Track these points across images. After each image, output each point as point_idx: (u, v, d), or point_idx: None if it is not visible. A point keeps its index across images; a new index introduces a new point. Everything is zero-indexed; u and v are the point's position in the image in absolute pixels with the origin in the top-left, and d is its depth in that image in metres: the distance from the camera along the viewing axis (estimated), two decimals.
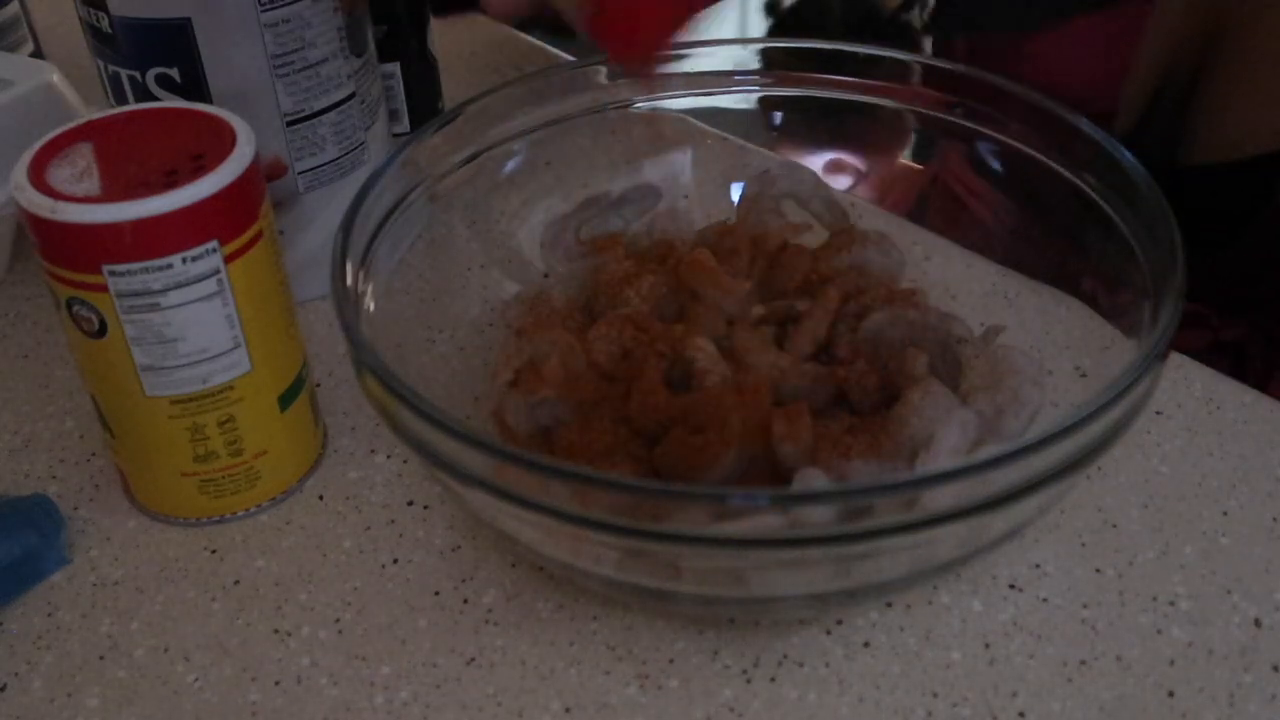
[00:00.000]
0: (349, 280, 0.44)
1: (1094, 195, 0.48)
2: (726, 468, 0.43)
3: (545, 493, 0.37)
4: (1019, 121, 0.51)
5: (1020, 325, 0.51)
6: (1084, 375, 0.48)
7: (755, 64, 0.57)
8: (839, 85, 0.56)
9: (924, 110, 0.54)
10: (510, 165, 0.55)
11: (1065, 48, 0.65)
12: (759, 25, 2.57)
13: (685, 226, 0.56)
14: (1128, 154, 0.46)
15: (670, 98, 0.57)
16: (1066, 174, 0.49)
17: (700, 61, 0.57)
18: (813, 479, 0.42)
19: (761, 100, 0.57)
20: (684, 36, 0.54)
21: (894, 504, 0.36)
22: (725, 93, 0.57)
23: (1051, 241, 0.50)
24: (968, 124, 0.53)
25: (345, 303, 0.43)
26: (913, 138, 0.55)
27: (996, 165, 0.50)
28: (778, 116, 0.58)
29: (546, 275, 0.56)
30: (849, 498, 0.37)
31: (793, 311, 0.51)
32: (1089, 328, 0.48)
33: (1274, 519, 0.49)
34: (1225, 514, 0.49)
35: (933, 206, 0.55)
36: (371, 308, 0.46)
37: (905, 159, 0.57)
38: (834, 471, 0.44)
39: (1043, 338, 0.50)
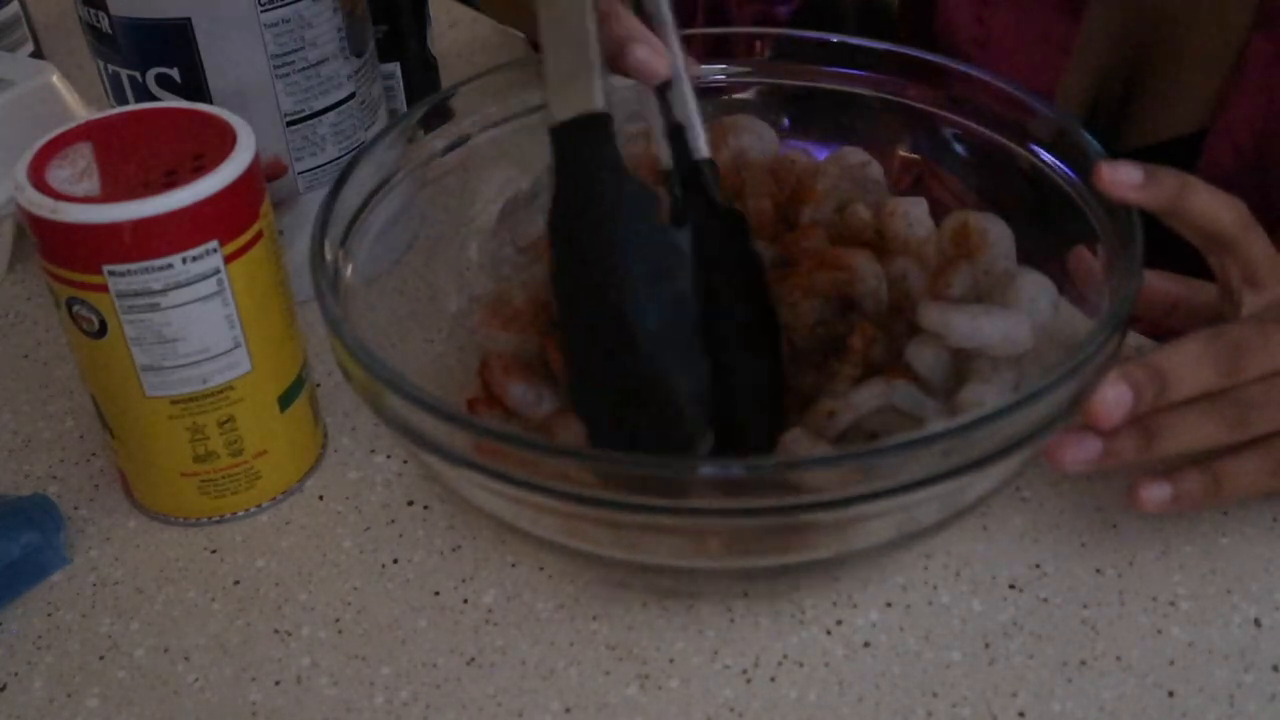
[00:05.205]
0: (328, 257, 0.45)
1: (1057, 179, 0.49)
2: None
3: (506, 459, 0.39)
4: (979, 105, 0.52)
5: None
6: None
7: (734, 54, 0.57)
8: (813, 75, 0.56)
9: (880, 94, 0.55)
10: (498, 151, 0.55)
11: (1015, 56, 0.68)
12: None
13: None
14: (1088, 135, 0.48)
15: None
16: (1027, 156, 0.50)
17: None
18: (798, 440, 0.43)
19: (730, 90, 0.57)
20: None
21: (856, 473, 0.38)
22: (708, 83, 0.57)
23: (1016, 226, 0.50)
24: (927, 108, 0.54)
25: (323, 279, 0.44)
26: (876, 124, 0.56)
27: (960, 149, 0.51)
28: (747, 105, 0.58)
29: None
30: (821, 465, 0.38)
31: (834, 335, 0.51)
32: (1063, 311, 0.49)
33: (1274, 519, 0.49)
34: (1225, 514, 0.49)
35: (898, 191, 0.56)
36: (355, 293, 0.47)
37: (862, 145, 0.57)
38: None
39: None
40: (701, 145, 0.47)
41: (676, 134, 0.47)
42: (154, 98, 0.55)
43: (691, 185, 0.47)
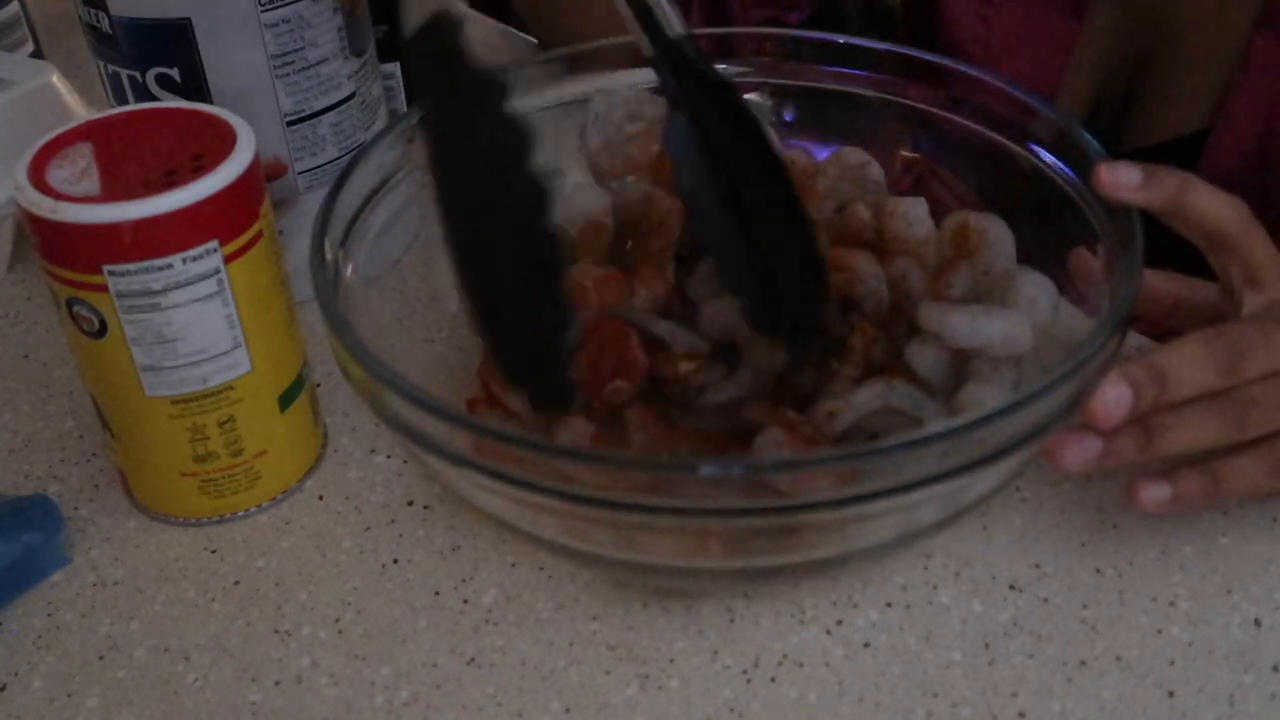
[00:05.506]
0: (328, 257, 0.45)
1: (1057, 179, 0.49)
2: None
3: (506, 459, 0.39)
4: (979, 105, 0.52)
5: None
6: None
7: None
8: (813, 75, 0.56)
9: (880, 94, 0.55)
10: None
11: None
12: None
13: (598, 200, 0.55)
14: (1088, 135, 0.48)
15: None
16: (1027, 156, 0.50)
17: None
18: (772, 442, 0.43)
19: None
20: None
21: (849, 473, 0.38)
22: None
23: (1016, 226, 0.51)
24: (928, 108, 0.54)
25: (323, 279, 0.44)
26: (878, 125, 0.56)
27: (960, 150, 0.51)
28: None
29: None
30: (820, 465, 0.38)
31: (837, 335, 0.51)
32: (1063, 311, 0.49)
33: (1274, 519, 0.49)
34: (1225, 514, 0.49)
35: (898, 191, 0.56)
36: (354, 292, 0.47)
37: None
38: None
39: None
40: (674, 22, 0.46)
41: (646, 16, 0.46)
42: (154, 98, 0.55)
43: (677, 66, 0.46)
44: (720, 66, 0.57)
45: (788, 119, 0.58)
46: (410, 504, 0.51)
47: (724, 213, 0.47)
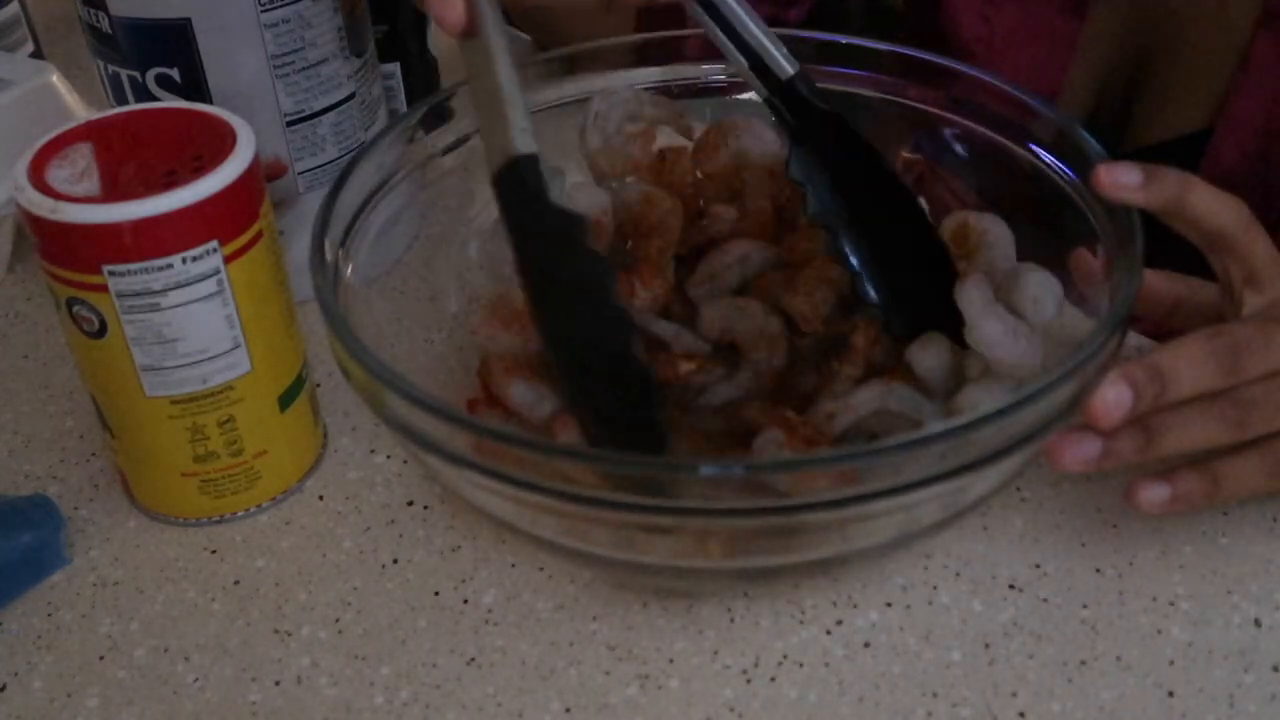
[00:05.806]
0: (328, 257, 0.45)
1: (1057, 179, 0.49)
2: None
3: (506, 459, 0.39)
4: (979, 105, 0.52)
5: None
6: None
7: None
8: (814, 75, 0.56)
9: (881, 95, 0.55)
10: None
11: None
12: None
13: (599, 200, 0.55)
14: (1088, 135, 0.48)
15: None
16: (1028, 156, 0.51)
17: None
18: (772, 443, 0.44)
19: (731, 90, 0.57)
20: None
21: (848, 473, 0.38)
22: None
23: (1016, 226, 0.51)
24: (928, 108, 0.54)
25: (323, 279, 0.44)
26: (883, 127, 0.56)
27: (961, 150, 0.51)
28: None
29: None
30: (820, 465, 0.38)
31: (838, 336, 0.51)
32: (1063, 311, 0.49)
33: (1274, 519, 0.49)
34: (1225, 514, 0.49)
35: None
36: (354, 292, 0.47)
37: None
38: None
39: None
40: (782, 64, 0.49)
41: (758, 64, 0.49)
42: (154, 98, 0.55)
43: (791, 103, 0.49)
44: (721, 66, 0.57)
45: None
46: (410, 504, 0.51)
47: (855, 231, 0.49)
